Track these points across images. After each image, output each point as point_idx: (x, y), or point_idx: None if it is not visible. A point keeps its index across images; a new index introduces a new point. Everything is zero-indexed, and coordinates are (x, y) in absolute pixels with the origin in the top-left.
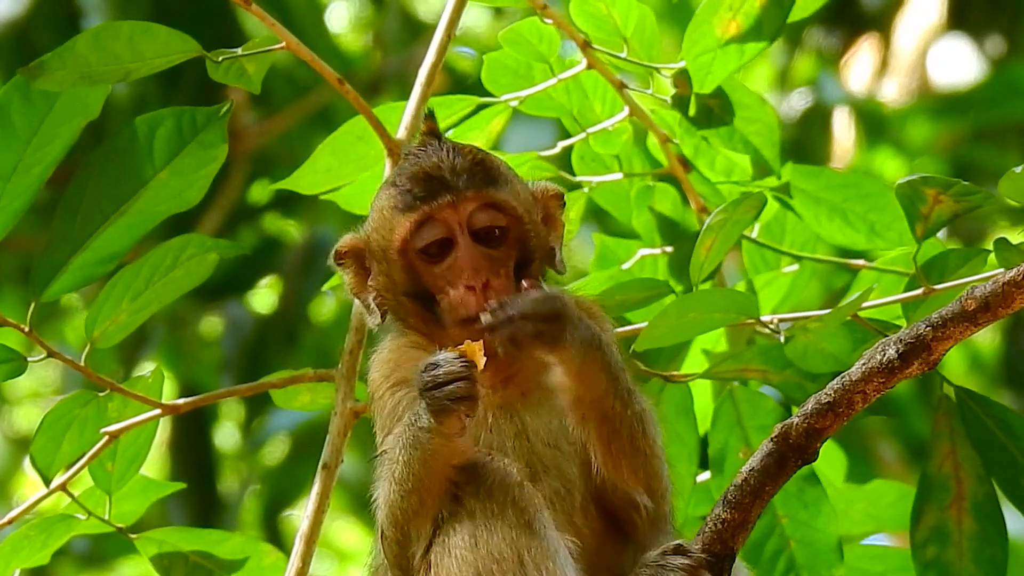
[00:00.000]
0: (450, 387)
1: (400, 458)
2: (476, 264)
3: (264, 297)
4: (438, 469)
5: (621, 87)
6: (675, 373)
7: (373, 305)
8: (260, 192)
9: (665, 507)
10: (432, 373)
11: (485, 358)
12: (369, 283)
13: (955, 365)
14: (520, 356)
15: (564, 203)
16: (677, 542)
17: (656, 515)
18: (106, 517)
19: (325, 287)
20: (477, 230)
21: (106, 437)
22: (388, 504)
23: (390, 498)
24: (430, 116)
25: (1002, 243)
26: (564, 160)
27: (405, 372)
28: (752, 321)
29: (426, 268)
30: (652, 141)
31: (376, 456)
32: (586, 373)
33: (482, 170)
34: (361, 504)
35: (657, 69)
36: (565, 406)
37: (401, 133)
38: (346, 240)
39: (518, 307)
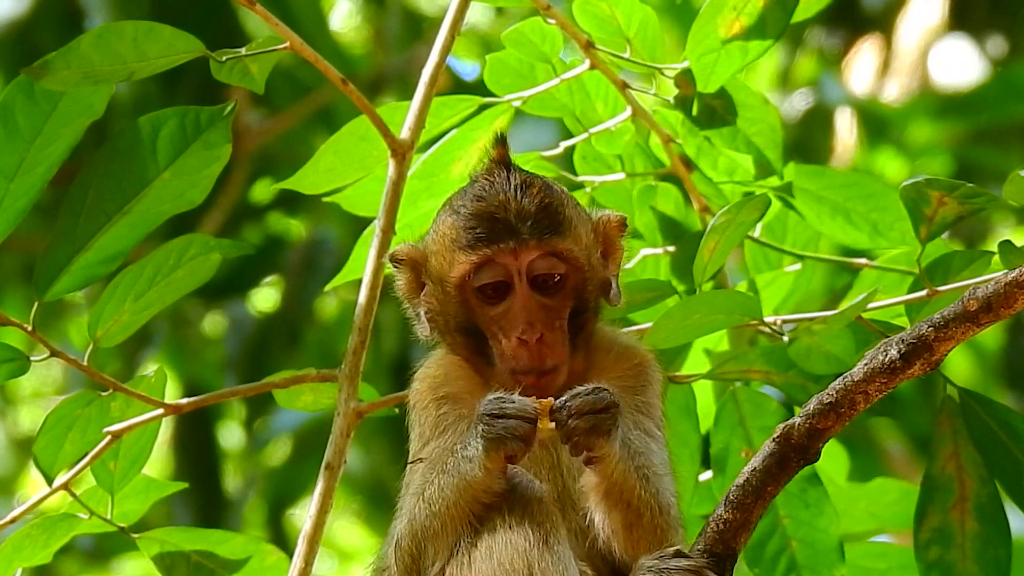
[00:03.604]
0: (513, 422)
1: (435, 480)
2: (531, 316)
3: (267, 297)
4: (467, 500)
5: (624, 87)
6: (678, 374)
7: (424, 318)
8: (262, 192)
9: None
10: (500, 404)
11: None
12: (423, 298)
13: (958, 366)
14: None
15: (625, 228)
16: (675, 547)
17: None
18: (108, 516)
19: (328, 287)
20: (536, 277)
21: (109, 436)
22: (411, 519)
23: (414, 514)
24: (502, 141)
25: (1007, 245)
26: (566, 160)
27: (453, 388)
28: (755, 322)
29: (481, 308)
30: (654, 141)
31: (409, 463)
32: (621, 474)
33: (547, 215)
34: (364, 504)
35: (660, 69)
36: (592, 502)
37: (404, 133)
38: (404, 249)
39: (575, 405)
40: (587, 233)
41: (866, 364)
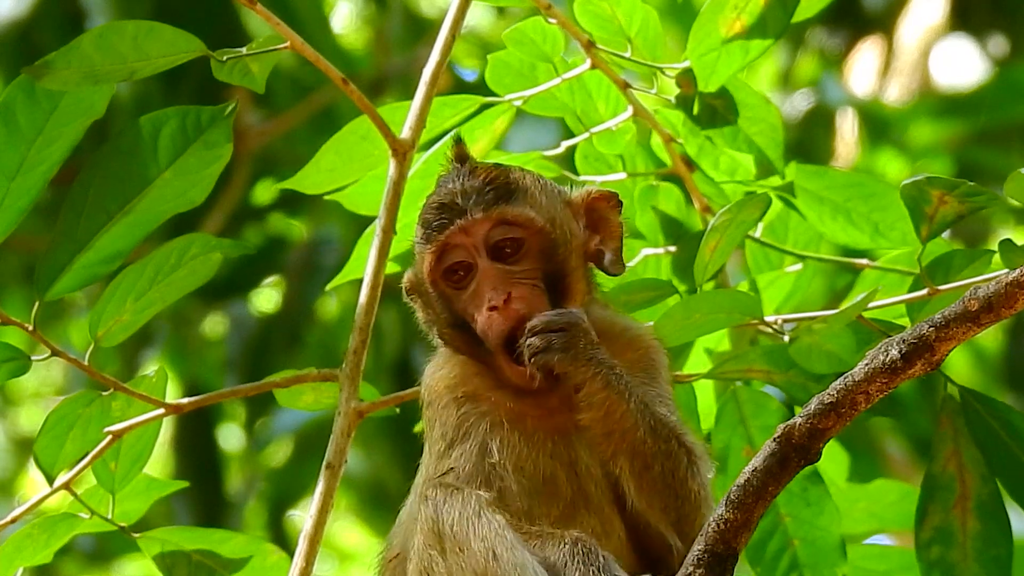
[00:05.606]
0: None
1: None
2: (495, 282)
3: (268, 296)
4: None
5: (625, 87)
6: (679, 373)
7: (436, 337)
8: (264, 192)
9: None
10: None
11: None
12: (423, 316)
13: (958, 368)
14: (551, 374)
15: (617, 203)
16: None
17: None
18: (109, 516)
19: (328, 287)
20: (492, 246)
21: (110, 436)
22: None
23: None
24: (459, 142)
25: (1007, 244)
26: (568, 160)
27: (471, 387)
28: (756, 322)
29: (456, 296)
30: (656, 141)
31: (440, 476)
32: (612, 404)
33: (494, 188)
34: (364, 505)
35: (661, 69)
36: (593, 443)
37: (405, 133)
38: (406, 276)
39: (534, 324)
40: (552, 201)
41: (867, 364)
